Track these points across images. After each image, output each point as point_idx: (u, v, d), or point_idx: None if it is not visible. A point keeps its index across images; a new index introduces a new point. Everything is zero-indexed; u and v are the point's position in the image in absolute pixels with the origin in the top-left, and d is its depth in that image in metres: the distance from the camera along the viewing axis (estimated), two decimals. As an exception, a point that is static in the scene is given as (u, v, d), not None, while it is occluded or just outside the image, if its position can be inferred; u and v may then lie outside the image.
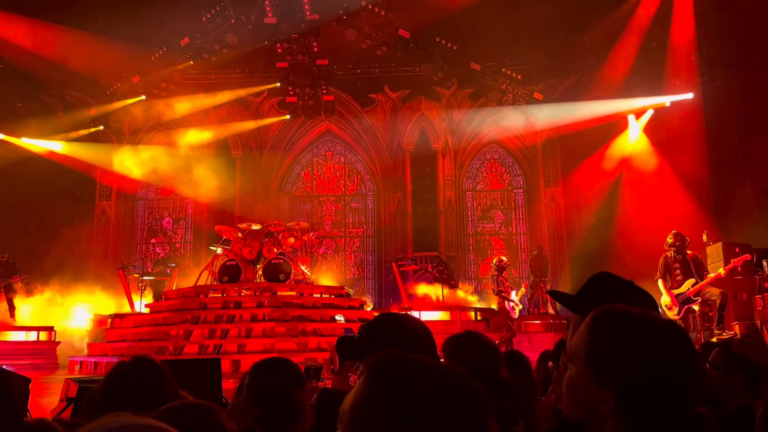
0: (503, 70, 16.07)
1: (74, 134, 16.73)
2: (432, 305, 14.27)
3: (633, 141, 15.55)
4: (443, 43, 15.68)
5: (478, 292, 17.42)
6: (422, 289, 15.03)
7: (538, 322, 13.60)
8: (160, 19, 14.37)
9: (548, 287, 14.75)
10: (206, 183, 17.77)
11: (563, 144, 17.14)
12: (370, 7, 14.59)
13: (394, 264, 15.42)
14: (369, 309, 13.12)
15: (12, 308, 13.95)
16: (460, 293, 15.13)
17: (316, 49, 15.35)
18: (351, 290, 14.13)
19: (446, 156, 18.09)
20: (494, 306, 12.42)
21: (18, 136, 16.13)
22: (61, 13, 13.97)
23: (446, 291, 14.53)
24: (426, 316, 13.09)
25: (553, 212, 17.51)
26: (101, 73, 15.64)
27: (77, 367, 11.71)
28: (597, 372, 1.15)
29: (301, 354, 10.13)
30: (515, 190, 18.58)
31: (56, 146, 16.65)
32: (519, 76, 16.08)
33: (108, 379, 2.00)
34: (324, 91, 16.45)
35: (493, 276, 12.27)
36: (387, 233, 18.02)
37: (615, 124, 15.65)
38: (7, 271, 14.21)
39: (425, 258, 16.80)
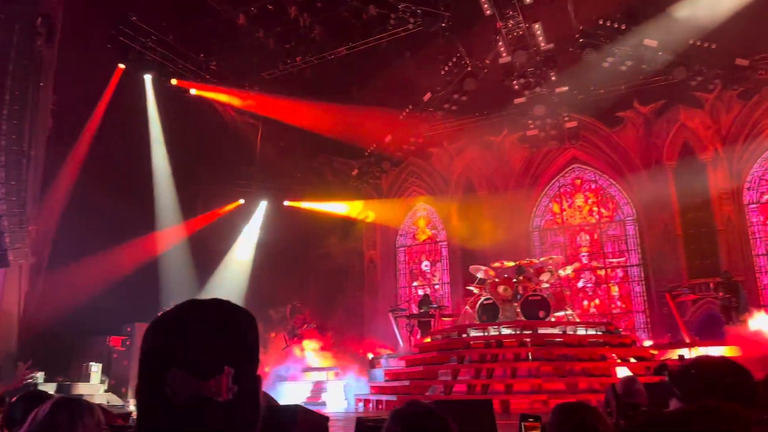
0: (780, 59, 13.73)
1: (342, 194, 18.85)
2: (720, 339, 12.44)
3: None
4: (697, 43, 14.05)
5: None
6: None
7: None
8: (404, 82, 15.64)
9: None
10: (456, 225, 18.49)
11: None
12: (608, 24, 13.84)
13: (667, 294, 13.88)
14: (647, 346, 11.94)
15: (293, 347, 16.02)
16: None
17: (553, 78, 15.04)
18: (619, 328, 13.08)
19: (718, 167, 15.92)
20: None
21: (298, 200, 18.82)
22: (320, 92, 16.07)
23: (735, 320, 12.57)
24: (711, 352, 11.44)
25: None
26: (359, 138, 17.45)
27: (360, 404, 12.82)
28: None
29: (572, 395, 9.62)
30: (816, 198, 15.45)
31: (328, 206, 18.94)
32: (802, 63, 13.56)
33: (393, 426, 2.05)
34: (566, 118, 15.95)
35: None
36: (654, 260, 16.38)
37: None
38: (298, 318, 16.45)
39: (705, 285, 14.83)
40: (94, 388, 11.73)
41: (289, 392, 13.68)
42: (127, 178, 14.19)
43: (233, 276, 17.55)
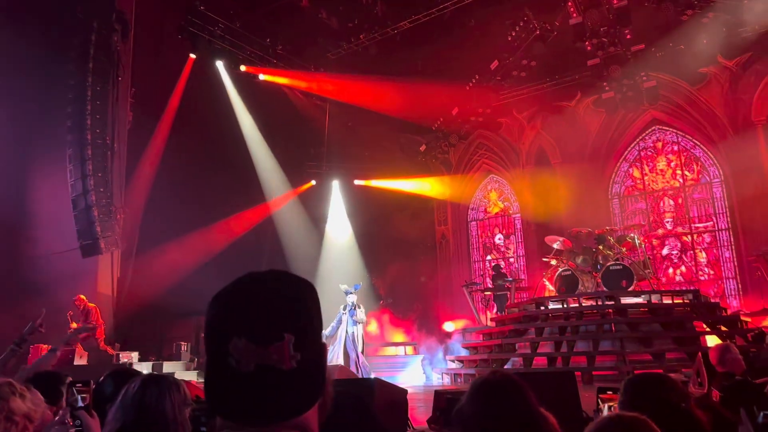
0: None
1: (411, 171, 18.73)
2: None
3: None
4: (789, -14, 12.89)
5: None
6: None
7: None
8: (470, 52, 15.27)
9: None
10: (529, 196, 18.05)
11: None
12: (687, -27, 12.95)
13: (760, 258, 13.04)
14: (739, 313, 11.32)
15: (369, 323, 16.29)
16: None
17: (629, 36, 14.25)
18: (708, 296, 12.43)
19: (815, 120, 14.67)
20: None
21: (368, 179, 18.90)
22: (385, 69, 15.95)
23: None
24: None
25: None
26: (426, 113, 17.27)
27: (438, 377, 12.89)
28: None
29: (659, 366, 9.27)
30: None
31: (398, 184, 18.90)
32: None
33: (473, 395, 2.02)
34: (644, 78, 15.11)
35: None
36: (744, 224, 15.37)
37: None
38: (371, 297, 16.69)
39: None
40: (183, 365, 12.39)
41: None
42: (210, 162, 14.57)
43: (333, 257, 17.93)
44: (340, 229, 18.82)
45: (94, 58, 11.91)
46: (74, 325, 11.55)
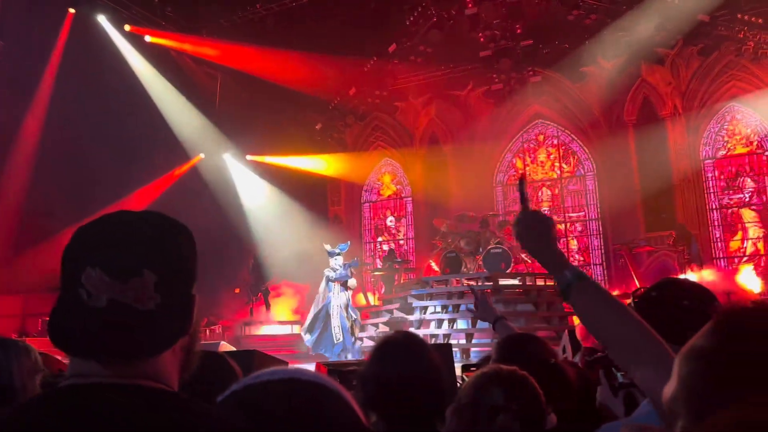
0: (739, 16, 13.85)
1: (305, 148, 18.47)
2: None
3: None
4: (664, -2, 14.04)
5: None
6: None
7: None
8: (368, 32, 15.25)
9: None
10: (421, 180, 18.51)
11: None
12: (573, -25, 13.71)
13: (624, 247, 14.27)
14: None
15: (268, 306, 16.01)
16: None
17: (519, 31, 14.90)
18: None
19: (676, 123, 16.20)
20: None
21: (262, 155, 18.42)
22: (282, 41, 15.50)
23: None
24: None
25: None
26: (324, 90, 17.07)
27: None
28: None
29: (530, 343, 9.90)
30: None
31: (290, 161, 18.57)
32: (760, 20, 13.72)
33: (375, 354, 1.95)
34: (531, 73, 15.90)
35: None
36: (613, 215, 16.75)
37: None
38: (259, 276, 16.37)
39: (660, 238, 15.27)
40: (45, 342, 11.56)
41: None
42: (100, 129, 13.44)
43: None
44: (249, 201, 18.27)
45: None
46: None
